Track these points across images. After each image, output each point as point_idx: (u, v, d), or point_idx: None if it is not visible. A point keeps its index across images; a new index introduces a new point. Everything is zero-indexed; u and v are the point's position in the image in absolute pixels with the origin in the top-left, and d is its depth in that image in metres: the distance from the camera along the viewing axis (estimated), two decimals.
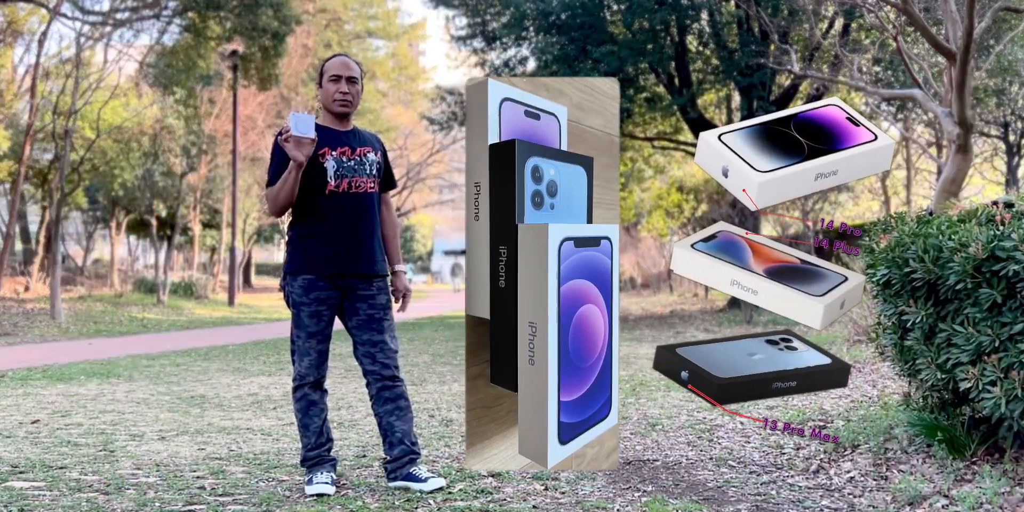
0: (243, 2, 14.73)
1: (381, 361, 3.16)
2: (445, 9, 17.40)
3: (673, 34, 15.50)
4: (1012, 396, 2.80)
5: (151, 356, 8.60)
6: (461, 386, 6.26)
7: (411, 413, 3.22)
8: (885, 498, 2.95)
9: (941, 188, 6.96)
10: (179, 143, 19.39)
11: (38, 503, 2.91)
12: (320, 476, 3.08)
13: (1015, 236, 2.84)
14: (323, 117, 3.24)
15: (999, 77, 12.53)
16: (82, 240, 28.97)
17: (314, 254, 3.12)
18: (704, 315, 15.20)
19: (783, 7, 13.16)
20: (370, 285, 3.17)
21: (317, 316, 3.13)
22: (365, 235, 3.17)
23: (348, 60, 3.18)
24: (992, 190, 19.15)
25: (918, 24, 6.69)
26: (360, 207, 3.16)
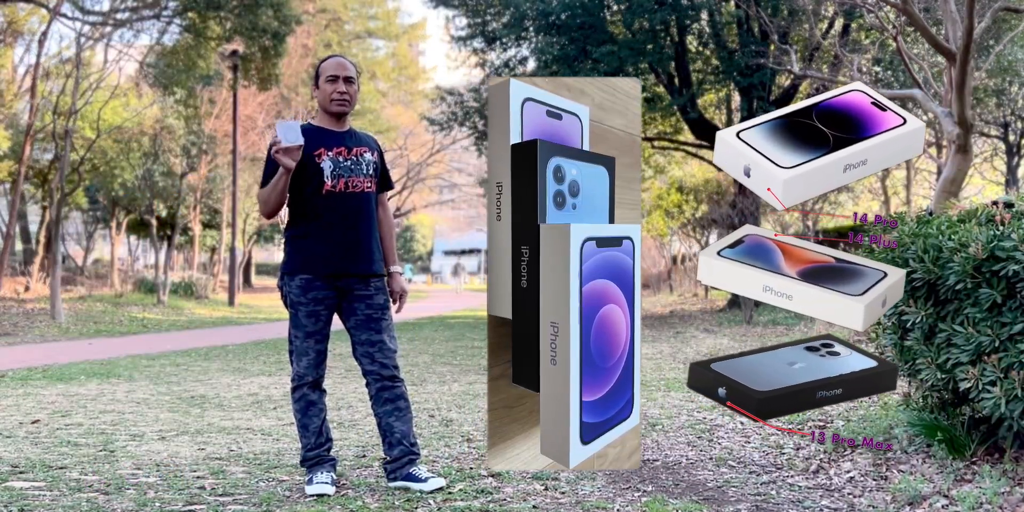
0: (243, 2, 14.73)
1: (380, 361, 3.16)
2: (445, 9, 17.40)
3: (673, 34, 15.50)
4: (1012, 396, 2.80)
5: (151, 356, 8.60)
6: (461, 386, 6.26)
7: (411, 413, 3.22)
8: (885, 498, 2.95)
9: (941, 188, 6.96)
10: (179, 143, 19.39)
11: (38, 503, 2.91)
12: (320, 476, 3.08)
13: (1015, 236, 2.84)
14: (320, 117, 3.23)
15: (999, 77, 12.53)
16: (82, 240, 28.98)
17: (311, 254, 3.12)
18: (704, 315, 15.20)
19: (783, 7, 13.16)
20: (368, 285, 3.17)
21: (315, 316, 3.13)
22: (362, 235, 3.17)
23: (344, 60, 3.19)
24: (992, 190, 19.15)
25: (918, 24, 6.69)
26: (357, 207, 3.16)
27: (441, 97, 19.12)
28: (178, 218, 20.81)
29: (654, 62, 14.98)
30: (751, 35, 14.73)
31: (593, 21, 14.79)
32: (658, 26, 14.77)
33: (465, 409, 5.15)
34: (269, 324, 14.70)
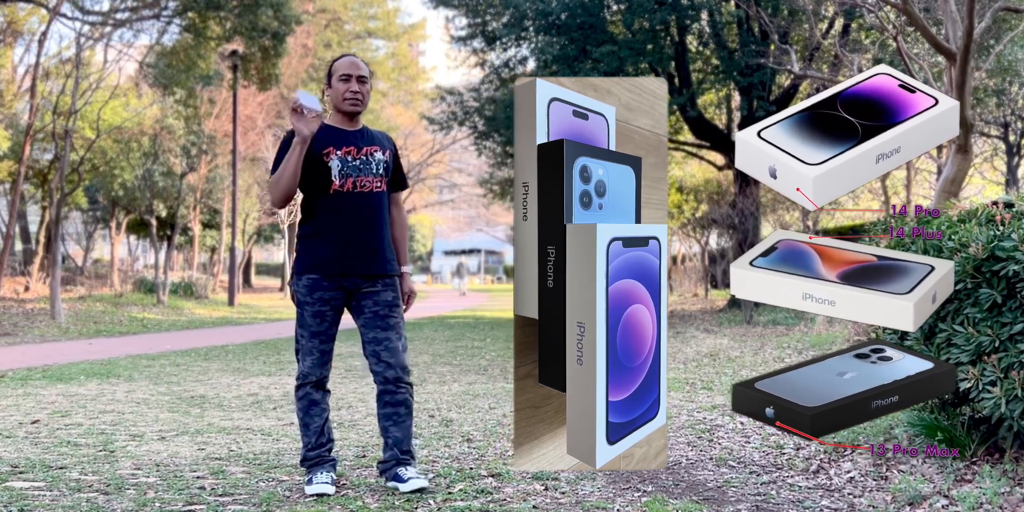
0: (243, 2, 14.73)
1: (385, 360, 3.15)
2: (445, 9, 17.40)
3: (673, 34, 15.50)
4: (1012, 396, 2.80)
5: (151, 356, 8.60)
6: (461, 386, 6.26)
7: (411, 419, 3.21)
8: (885, 498, 2.95)
9: (941, 188, 6.96)
10: (179, 143, 19.39)
11: (38, 503, 2.91)
12: (320, 476, 3.08)
13: (1015, 236, 2.84)
14: (332, 117, 3.24)
15: (999, 77, 12.53)
16: (82, 240, 28.98)
17: (317, 254, 3.13)
18: (704, 315, 15.20)
19: (783, 7, 13.17)
20: (375, 283, 3.17)
21: (320, 316, 3.13)
22: (369, 235, 3.16)
23: (357, 60, 3.20)
24: (992, 190, 19.15)
25: (918, 24, 6.69)
26: (365, 207, 3.15)
27: (441, 97, 19.12)
28: (178, 218, 20.82)
29: (654, 62, 14.99)
30: (751, 35, 14.74)
31: (593, 21, 14.79)
32: (658, 26, 14.77)
33: (465, 409, 5.15)
34: (269, 324, 14.70)
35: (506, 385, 6.30)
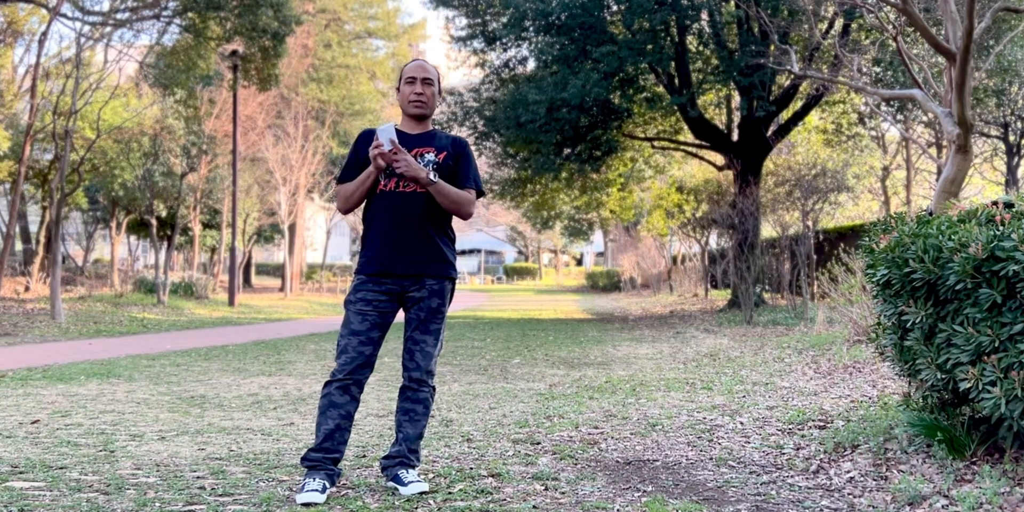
0: (243, 2, 14.73)
1: (416, 360, 3.18)
2: (445, 9, 17.39)
3: (673, 34, 15.50)
4: (1012, 396, 2.80)
5: (151, 356, 8.60)
6: (461, 386, 6.26)
7: (426, 420, 3.21)
8: (885, 498, 2.95)
9: (941, 188, 6.95)
10: (179, 143, 19.39)
11: (38, 503, 2.91)
12: (312, 483, 2.97)
13: (1015, 236, 2.84)
14: (401, 121, 3.29)
15: (999, 77, 12.53)
16: (82, 240, 28.99)
17: (366, 254, 3.18)
18: (704, 315, 15.20)
19: (783, 7, 13.16)
20: (422, 287, 3.16)
21: (361, 315, 3.12)
22: (411, 235, 3.13)
23: (424, 63, 3.24)
24: (992, 190, 19.15)
25: (918, 24, 6.69)
26: (406, 207, 3.13)
27: (441, 97, 19.09)
28: (178, 218, 20.81)
29: (654, 62, 14.98)
30: (751, 35, 14.73)
31: (593, 21, 14.79)
32: (658, 26, 14.77)
33: (465, 409, 5.15)
34: (269, 324, 14.70)
35: (506, 385, 6.30)
